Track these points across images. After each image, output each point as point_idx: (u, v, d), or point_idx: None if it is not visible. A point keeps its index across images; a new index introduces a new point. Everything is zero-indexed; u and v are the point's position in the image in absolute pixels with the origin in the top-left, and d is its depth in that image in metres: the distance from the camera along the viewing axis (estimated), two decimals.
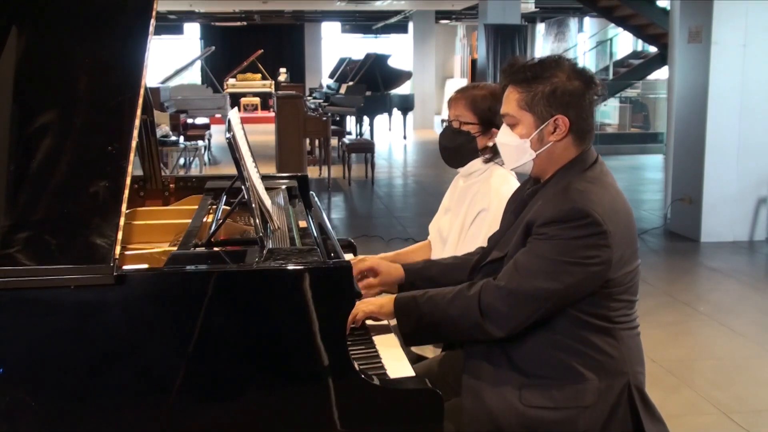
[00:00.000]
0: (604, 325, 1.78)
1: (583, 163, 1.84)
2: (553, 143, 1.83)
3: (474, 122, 2.36)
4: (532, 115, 1.83)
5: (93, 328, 1.57)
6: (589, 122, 1.84)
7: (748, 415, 3.32)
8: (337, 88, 13.56)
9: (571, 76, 1.81)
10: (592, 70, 1.84)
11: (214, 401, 1.64)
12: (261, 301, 1.63)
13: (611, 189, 1.82)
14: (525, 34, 12.43)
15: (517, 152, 1.87)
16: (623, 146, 12.28)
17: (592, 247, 1.72)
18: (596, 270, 1.73)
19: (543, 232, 1.76)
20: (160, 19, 18.13)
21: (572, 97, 1.80)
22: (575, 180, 1.81)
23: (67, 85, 1.82)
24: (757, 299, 5.10)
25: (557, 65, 1.82)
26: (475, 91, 2.38)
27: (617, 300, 1.79)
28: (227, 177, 2.68)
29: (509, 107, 1.86)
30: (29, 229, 1.60)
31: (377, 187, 9.40)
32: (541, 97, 1.80)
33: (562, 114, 1.80)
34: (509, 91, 1.87)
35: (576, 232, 1.72)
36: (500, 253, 1.90)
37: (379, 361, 1.88)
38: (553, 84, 1.80)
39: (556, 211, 1.75)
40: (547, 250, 1.74)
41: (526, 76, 1.82)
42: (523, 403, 1.78)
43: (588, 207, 1.72)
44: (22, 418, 1.56)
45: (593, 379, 1.77)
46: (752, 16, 6.19)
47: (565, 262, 1.72)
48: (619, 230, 1.75)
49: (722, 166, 6.36)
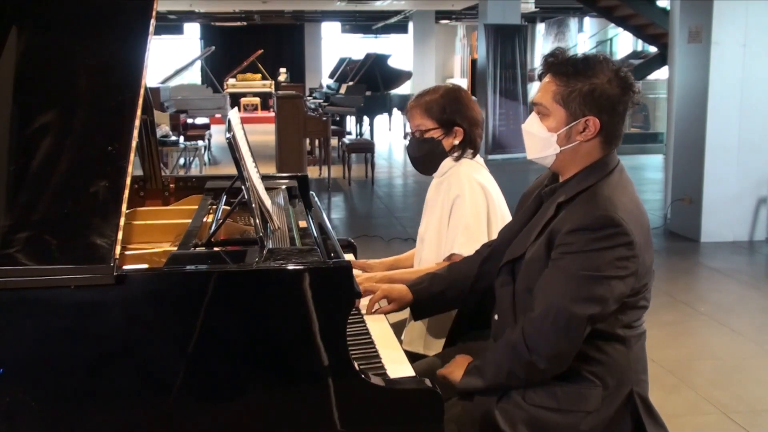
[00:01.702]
0: (616, 333, 1.78)
1: (605, 167, 1.81)
2: (580, 143, 1.80)
3: (435, 127, 2.40)
4: (565, 110, 1.79)
5: (93, 328, 1.57)
6: (619, 128, 1.81)
7: (748, 415, 3.32)
8: (337, 88, 13.55)
9: (612, 79, 1.77)
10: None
11: (214, 401, 1.64)
12: (261, 301, 1.63)
13: (633, 197, 1.80)
14: (525, 34, 12.42)
15: (542, 144, 1.83)
16: (623, 146, 11.95)
17: (623, 258, 1.69)
18: (629, 281, 1.71)
19: (570, 242, 1.71)
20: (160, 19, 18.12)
21: (608, 101, 1.76)
22: (600, 184, 1.77)
23: (67, 85, 1.82)
24: (757, 299, 5.09)
25: (601, 66, 1.78)
26: (427, 97, 2.40)
27: (634, 307, 1.79)
28: (227, 177, 2.68)
29: (544, 98, 1.82)
30: (29, 229, 1.60)
31: (377, 187, 9.40)
32: (578, 94, 1.76)
33: (595, 116, 1.77)
34: (547, 80, 1.82)
35: (605, 243, 1.69)
36: (516, 254, 1.87)
37: (379, 361, 1.88)
38: (592, 84, 1.75)
39: (584, 219, 1.71)
40: (578, 266, 1.70)
41: (568, 70, 1.78)
42: (527, 402, 1.78)
43: (617, 216, 1.69)
44: (22, 418, 1.56)
45: (599, 385, 1.77)
46: (752, 16, 6.19)
47: (599, 277, 1.68)
48: (642, 239, 1.74)
49: (722, 166, 6.36)
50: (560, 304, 1.70)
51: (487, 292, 2.06)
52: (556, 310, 1.71)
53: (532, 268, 1.80)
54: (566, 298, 1.70)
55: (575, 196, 1.79)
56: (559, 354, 1.72)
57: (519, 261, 1.86)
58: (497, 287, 1.95)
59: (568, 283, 1.70)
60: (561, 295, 1.71)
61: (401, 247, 6.09)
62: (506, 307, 1.89)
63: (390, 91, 13.62)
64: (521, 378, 1.77)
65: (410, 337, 2.45)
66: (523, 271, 1.83)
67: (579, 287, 1.69)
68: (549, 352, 1.72)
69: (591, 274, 1.69)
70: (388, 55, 13.70)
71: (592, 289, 1.69)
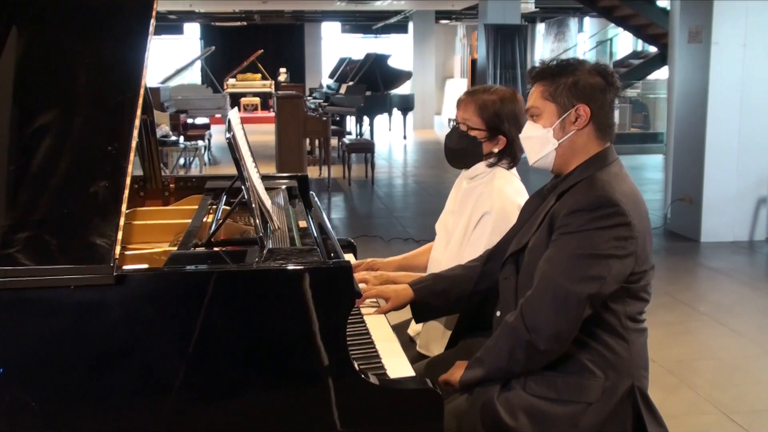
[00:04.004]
0: (617, 325, 1.80)
1: (604, 160, 1.88)
2: (575, 132, 1.87)
3: (481, 128, 2.34)
4: (555, 104, 1.88)
5: (93, 328, 1.57)
6: (609, 116, 1.90)
7: (748, 415, 3.32)
8: (337, 88, 13.56)
9: (592, 71, 1.89)
10: None
11: (214, 401, 1.64)
12: (261, 301, 1.63)
13: (631, 185, 1.86)
14: (525, 34, 12.43)
15: (540, 142, 1.91)
16: (623, 146, 12.26)
17: (619, 238, 1.73)
18: (627, 262, 1.75)
19: (568, 222, 1.76)
20: (160, 19, 18.13)
21: (593, 90, 1.87)
22: (599, 174, 1.84)
23: (67, 85, 1.82)
24: (757, 299, 5.10)
25: (580, 63, 1.91)
26: (485, 96, 2.34)
27: (635, 297, 1.81)
28: (227, 177, 2.68)
29: (534, 100, 1.93)
30: (29, 229, 1.60)
31: (377, 187, 9.40)
32: (564, 87, 1.87)
33: (585, 103, 1.86)
34: (534, 87, 1.93)
35: (603, 222, 1.73)
36: (519, 245, 1.91)
37: (379, 361, 1.88)
38: (576, 76, 1.87)
39: (582, 200, 1.77)
40: (575, 245, 1.74)
41: (552, 72, 1.90)
42: (527, 392, 1.79)
43: (615, 197, 1.75)
44: (22, 418, 1.56)
45: (600, 377, 1.78)
46: (752, 16, 6.19)
47: (597, 255, 1.72)
48: (641, 223, 1.78)
49: (722, 166, 6.36)
50: (558, 283, 1.73)
51: (490, 293, 2.06)
52: (554, 288, 1.73)
53: (535, 255, 1.83)
54: (564, 276, 1.72)
55: (575, 185, 1.84)
56: (558, 333, 1.73)
57: (522, 252, 1.89)
58: (500, 280, 1.96)
59: (567, 262, 1.74)
60: (559, 274, 1.73)
61: (401, 247, 6.09)
62: (509, 299, 1.91)
63: (390, 91, 13.63)
64: (521, 360, 1.78)
65: (425, 340, 2.40)
66: (527, 260, 1.86)
67: (577, 266, 1.72)
68: (548, 332, 1.73)
69: (589, 252, 1.72)
70: (388, 55, 13.71)
71: (590, 267, 1.72)
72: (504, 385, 1.83)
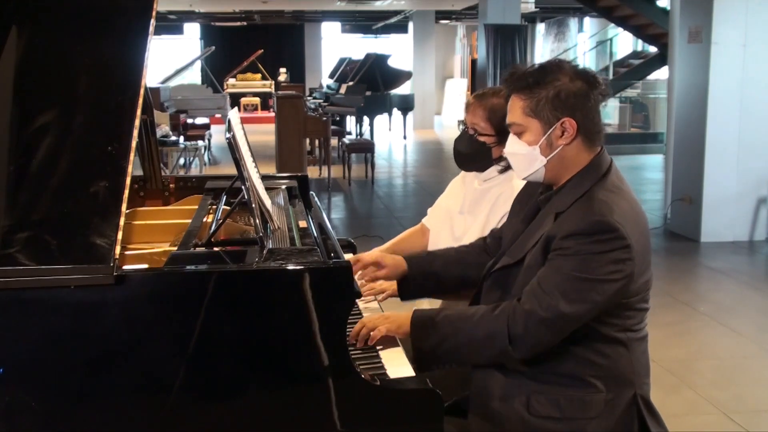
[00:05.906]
0: (618, 336, 1.77)
1: (598, 169, 1.81)
2: (563, 147, 1.79)
3: (491, 134, 2.33)
4: (539, 120, 1.79)
5: (93, 328, 1.57)
6: (596, 122, 1.81)
7: (748, 415, 3.32)
8: (337, 88, 13.56)
9: (573, 77, 1.78)
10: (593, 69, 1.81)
11: (214, 401, 1.64)
12: (261, 301, 1.63)
13: (630, 198, 1.80)
14: (525, 34, 12.42)
15: (527, 160, 1.83)
16: (623, 146, 12.28)
17: (617, 261, 1.68)
18: (621, 285, 1.70)
19: (566, 246, 1.71)
20: (160, 19, 18.13)
21: (577, 98, 1.77)
22: (595, 189, 1.77)
23: (67, 85, 1.82)
24: (757, 299, 5.10)
25: (558, 68, 1.80)
26: (494, 100, 2.31)
27: (633, 309, 1.78)
28: (227, 177, 2.68)
29: (515, 116, 1.83)
30: (29, 229, 1.60)
31: (377, 187, 9.40)
32: (546, 101, 1.77)
33: (569, 116, 1.77)
34: (513, 99, 1.83)
35: (601, 247, 1.68)
36: (511, 260, 1.86)
37: (379, 361, 1.88)
38: (556, 87, 1.76)
39: (580, 223, 1.70)
40: (571, 267, 1.69)
41: (528, 83, 1.79)
42: (530, 413, 1.76)
43: (614, 220, 1.69)
44: (22, 418, 1.56)
45: (602, 390, 1.75)
46: (752, 16, 6.19)
47: (593, 279, 1.68)
48: (639, 242, 1.73)
49: (722, 166, 6.36)
50: (550, 303, 1.70)
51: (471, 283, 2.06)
52: (546, 307, 1.70)
53: (528, 275, 1.79)
54: (557, 297, 1.69)
55: (571, 205, 1.78)
56: (537, 346, 1.73)
57: (514, 268, 1.85)
58: (484, 291, 1.94)
59: (562, 283, 1.70)
60: (552, 292, 1.70)
61: None
62: None
63: (390, 91, 13.63)
64: (486, 357, 1.79)
65: None
66: (520, 279, 1.82)
67: (572, 288, 1.69)
68: (529, 343, 1.72)
69: (585, 276, 1.68)
70: (388, 55, 13.71)
71: (585, 291, 1.68)
72: (506, 402, 1.78)
